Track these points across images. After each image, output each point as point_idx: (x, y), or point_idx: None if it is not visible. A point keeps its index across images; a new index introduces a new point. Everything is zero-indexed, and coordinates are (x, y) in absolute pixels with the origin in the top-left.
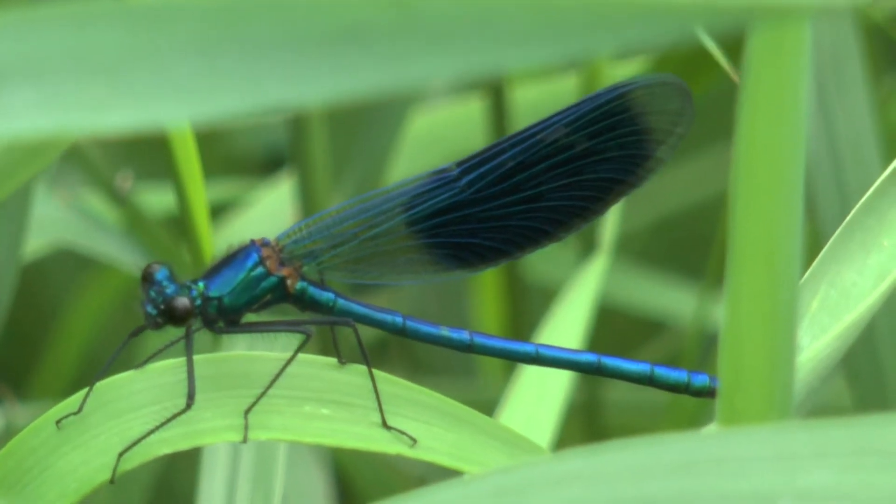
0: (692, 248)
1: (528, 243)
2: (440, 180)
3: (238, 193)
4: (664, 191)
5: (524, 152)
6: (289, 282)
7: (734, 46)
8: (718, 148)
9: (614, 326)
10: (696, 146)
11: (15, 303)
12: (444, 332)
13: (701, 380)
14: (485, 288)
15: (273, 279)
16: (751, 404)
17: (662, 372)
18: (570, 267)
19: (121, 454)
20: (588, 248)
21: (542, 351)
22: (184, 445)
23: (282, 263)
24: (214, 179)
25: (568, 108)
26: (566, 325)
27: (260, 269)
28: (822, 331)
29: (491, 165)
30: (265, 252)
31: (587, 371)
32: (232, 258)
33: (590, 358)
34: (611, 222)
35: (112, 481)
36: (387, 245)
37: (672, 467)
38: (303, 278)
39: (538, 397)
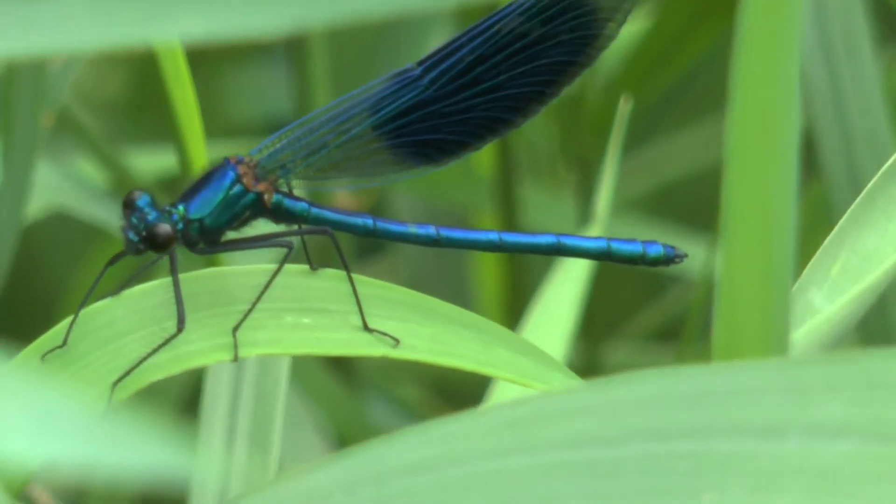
0: (700, 210)
1: (488, 133)
2: (403, 80)
3: None
4: (669, 157)
5: (482, 45)
6: (265, 196)
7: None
8: (723, 115)
9: (619, 286)
10: (701, 113)
11: (20, 279)
12: (412, 228)
13: (655, 249)
14: (485, 258)
15: (251, 195)
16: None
17: (618, 245)
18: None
19: (115, 384)
20: (587, 216)
21: (505, 237)
22: (176, 369)
23: (257, 179)
24: (216, 144)
25: None
26: (562, 292)
27: (238, 187)
28: (842, 296)
29: (451, 61)
30: (241, 169)
31: (548, 252)
32: (209, 178)
33: (549, 240)
34: (606, 188)
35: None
36: (355, 150)
37: (682, 399)
38: (277, 191)
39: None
